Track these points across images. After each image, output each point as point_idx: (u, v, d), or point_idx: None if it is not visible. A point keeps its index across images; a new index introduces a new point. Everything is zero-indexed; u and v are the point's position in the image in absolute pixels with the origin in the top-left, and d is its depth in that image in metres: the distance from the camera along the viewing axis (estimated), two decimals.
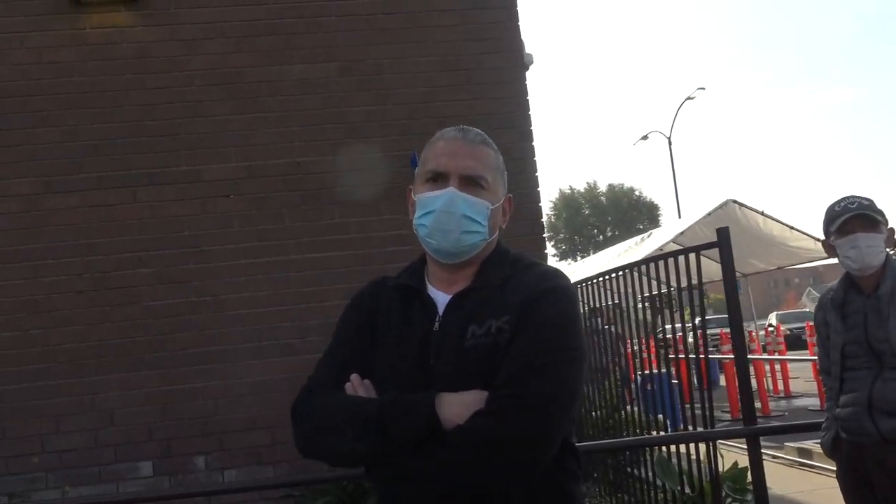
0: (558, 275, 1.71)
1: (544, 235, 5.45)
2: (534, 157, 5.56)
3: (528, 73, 5.86)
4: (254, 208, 5.31)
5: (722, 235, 3.76)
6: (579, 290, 6.37)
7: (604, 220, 58.85)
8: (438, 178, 1.66)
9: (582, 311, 6.42)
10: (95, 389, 5.07)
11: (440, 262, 1.71)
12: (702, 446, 4.13)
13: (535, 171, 5.54)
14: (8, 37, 5.28)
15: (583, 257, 43.28)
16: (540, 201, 5.49)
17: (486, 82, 5.57)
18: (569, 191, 60.37)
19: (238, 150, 5.34)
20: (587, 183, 61.63)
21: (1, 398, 5.01)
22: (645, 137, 34.46)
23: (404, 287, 1.75)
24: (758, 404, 9.61)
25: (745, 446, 3.51)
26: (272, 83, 5.45)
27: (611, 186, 60.47)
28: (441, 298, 1.69)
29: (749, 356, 12.34)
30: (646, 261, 4.98)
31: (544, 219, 5.53)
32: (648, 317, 6.21)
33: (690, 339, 5.00)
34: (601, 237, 56.71)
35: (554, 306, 1.60)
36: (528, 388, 1.49)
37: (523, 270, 1.69)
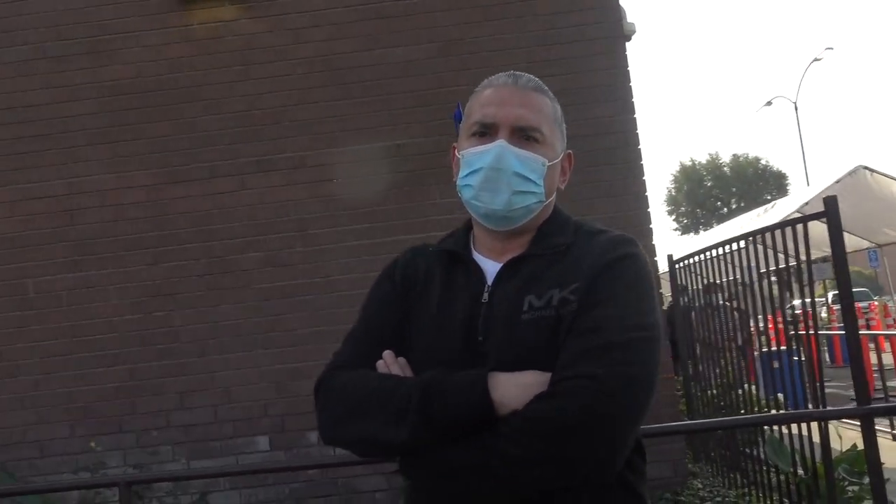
0: (631, 241, 1.44)
1: (648, 210, 5.28)
2: (636, 129, 5.40)
3: (631, 44, 5.68)
4: (363, 191, 5.41)
5: (829, 205, 3.53)
6: (692, 263, 6.15)
7: (728, 192, 56.50)
8: (486, 131, 1.43)
9: (696, 285, 6.18)
10: (214, 368, 5.35)
11: (489, 230, 1.47)
12: (815, 426, 3.93)
13: (638, 143, 5.37)
14: (125, 36, 5.58)
15: (706, 231, 41.78)
16: (644, 175, 5.32)
17: (586, 54, 5.44)
18: (689, 163, 58.33)
19: (341, 134, 5.45)
20: (709, 154, 59.33)
21: (131, 376, 5.36)
22: (769, 103, 32.90)
23: (447, 254, 1.52)
24: (892, 382, 9.04)
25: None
26: (374, 67, 5.52)
27: (734, 156, 57.96)
28: (490, 267, 1.46)
29: (879, 332, 11.56)
30: (753, 233, 4.73)
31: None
32: (769, 291, 5.92)
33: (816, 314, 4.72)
34: (725, 209, 54.49)
35: (630, 276, 1.37)
36: (607, 366, 1.24)
37: (588, 236, 1.45)
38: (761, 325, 5.41)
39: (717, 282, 5.70)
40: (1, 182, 5.49)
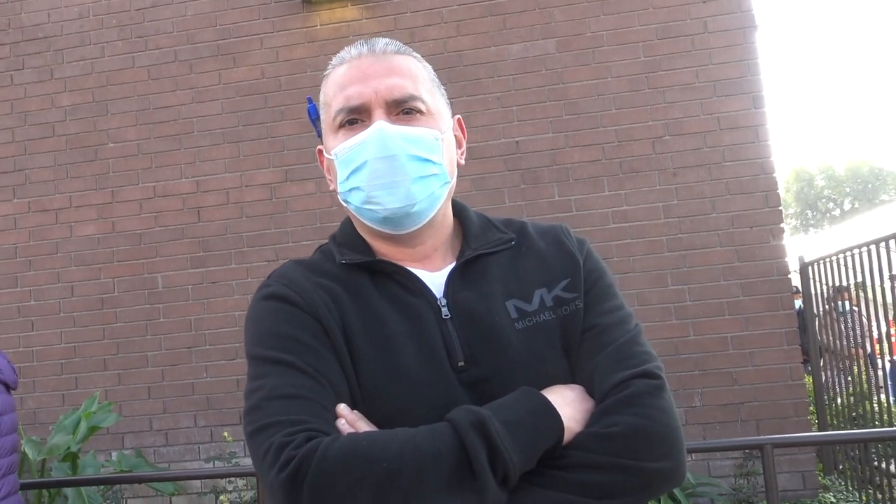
0: (567, 228, 1.27)
1: (780, 208, 5.04)
2: (766, 124, 5.16)
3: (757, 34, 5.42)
4: (475, 189, 5.38)
5: None
6: (817, 266, 5.85)
7: (841, 192, 53.93)
8: (356, 118, 1.14)
9: (821, 290, 5.89)
10: None
11: (391, 237, 1.17)
12: None
13: (768, 139, 5.13)
14: (249, 39, 5.73)
15: (816, 232, 39.89)
16: (774, 171, 5.08)
17: (713, 47, 5.24)
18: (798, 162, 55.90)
19: None
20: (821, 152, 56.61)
21: (222, 372, 5.52)
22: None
23: (366, 267, 1.17)
24: None
25: None
26: (491, 64, 5.49)
27: (848, 156, 55.24)
28: (424, 277, 1.16)
29: None
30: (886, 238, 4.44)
31: (780, 191, 5.11)
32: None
33: None
34: (838, 211, 52.04)
35: (602, 264, 1.22)
36: (643, 362, 1.09)
37: (521, 227, 1.25)
38: (883, 330, 5.12)
39: (846, 284, 5.41)
40: (133, 181, 5.74)
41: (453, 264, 1.18)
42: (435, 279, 1.16)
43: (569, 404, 1.04)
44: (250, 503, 4.99)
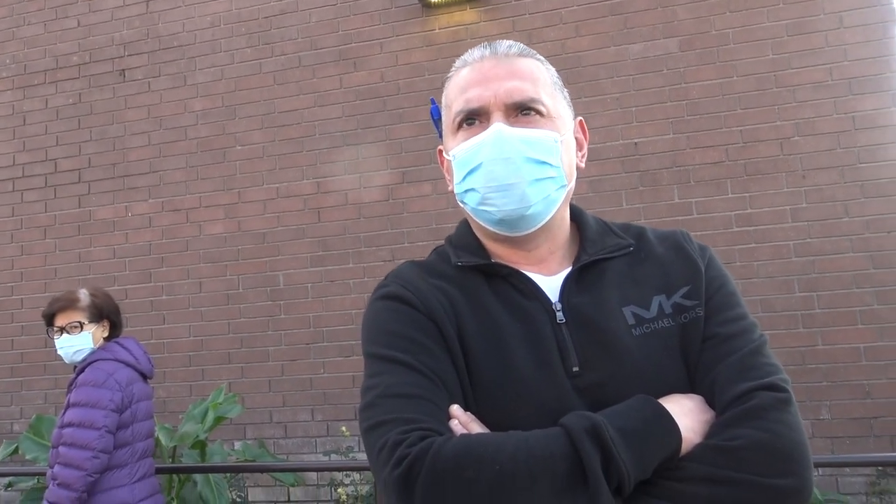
0: (689, 235, 1.25)
1: None
2: None
3: None
4: (591, 191, 5.32)
5: None
6: None
7: None
8: (475, 119, 1.15)
9: None
10: None
11: (507, 239, 1.17)
12: None
13: None
14: (370, 44, 5.86)
15: None
16: None
17: (848, 43, 4.99)
18: None
19: None
20: None
21: (338, 368, 5.62)
22: None
23: (482, 269, 1.17)
24: None
25: None
26: (611, 64, 5.41)
27: None
28: (540, 281, 1.16)
29: None
30: None
31: None
32: None
33: None
34: None
35: (725, 272, 1.18)
36: (767, 374, 1.05)
37: (639, 232, 1.24)
38: None
39: None
40: (257, 182, 5.97)
41: (569, 269, 1.17)
42: (551, 283, 1.15)
43: (687, 414, 1.02)
44: (367, 497, 5.09)
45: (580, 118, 1.28)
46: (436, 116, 1.33)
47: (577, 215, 1.27)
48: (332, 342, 5.70)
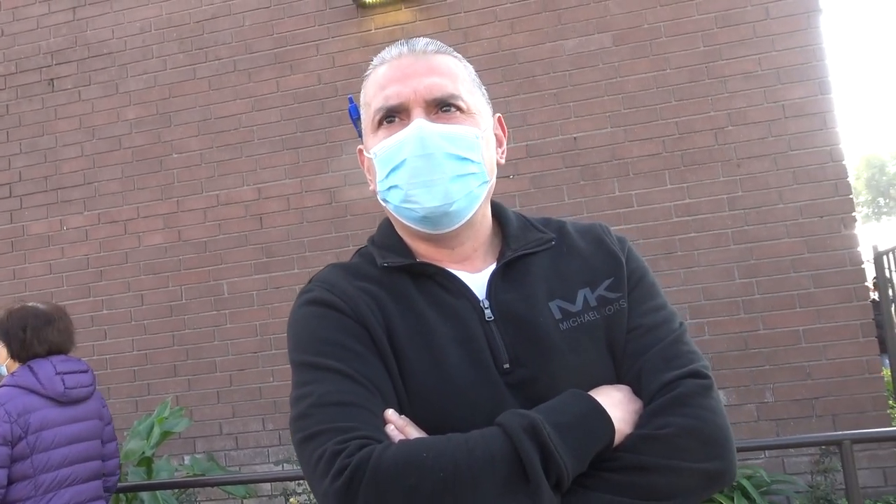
0: (605, 225, 1.28)
1: (850, 196, 4.88)
2: (833, 110, 5.01)
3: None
4: (533, 187, 5.34)
5: None
6: (893, 255, 5.65)
7: None
8: (395, 116, 1.14)
9: None
10: None
11: (430, 238, 1.16)
12: None
13: (836, 125, 4.98)
14: (306, 46, 5.80)
15: (889, 220, 38.57)
16: (844, 159, 4.92)
17: (775, 33, 5.11)
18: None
19: (516, 130, 5.41)
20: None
21: (288, 376, 5.55)
22: None
23: (407, 270, 1.16)
24: None
25: None
26: (547, 60, 5.45)
27: None
28: (466, 278, 1.15)
29: None
30: None
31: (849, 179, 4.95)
32: None
33: None
34: None
35: (643, 263, 1.21)
36: (689, 361, 1.08)
37: (559, 225, 1.24)
38: None
39: None
40: (196, 190, 5.86)
41: (494, 265, 1.17)
42: (476, 281, 1.15)
43: (617, 405, 1.03)
44: None
45: (499, 115, 1.27)
46: (354, 115, 1.32)
47: (497, 211, 1.26)
48: (280, 349, 5.63)
